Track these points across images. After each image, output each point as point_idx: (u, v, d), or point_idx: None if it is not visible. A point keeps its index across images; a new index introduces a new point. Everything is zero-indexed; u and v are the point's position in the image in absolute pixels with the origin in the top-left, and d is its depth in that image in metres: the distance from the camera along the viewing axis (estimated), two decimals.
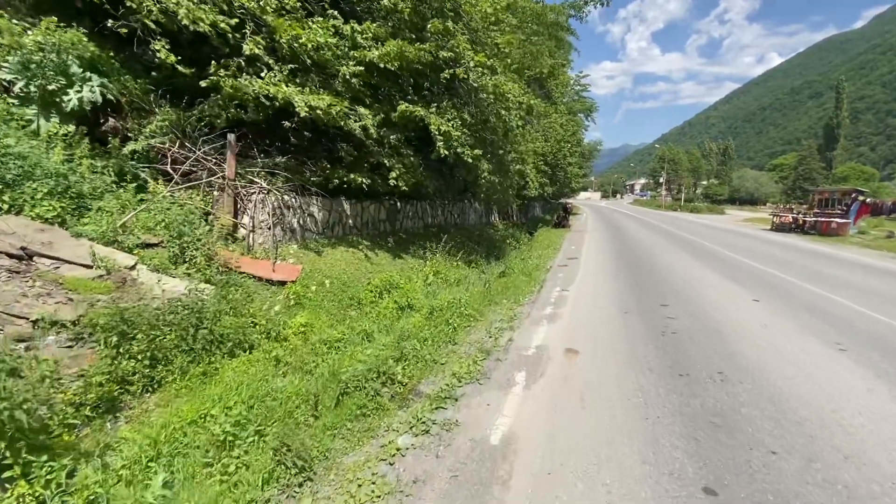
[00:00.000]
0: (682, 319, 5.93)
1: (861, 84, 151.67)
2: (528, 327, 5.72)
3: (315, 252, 8.48)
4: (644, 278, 8.81)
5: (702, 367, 4.29)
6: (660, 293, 7.45)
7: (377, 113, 8.79)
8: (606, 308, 6.56)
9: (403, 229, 12.78)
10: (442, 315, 6.09)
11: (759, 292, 7.56)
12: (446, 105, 9.77)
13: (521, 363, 4.45)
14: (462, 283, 8.85)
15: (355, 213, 10.64)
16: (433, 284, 8.58)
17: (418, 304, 6.64)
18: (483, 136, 11.42)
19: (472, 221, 18.64)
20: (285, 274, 7.24)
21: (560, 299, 7.21)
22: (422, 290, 7.74)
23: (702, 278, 8.80)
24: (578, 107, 33.28)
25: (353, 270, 8.40)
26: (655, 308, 6.51)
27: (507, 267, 9.83)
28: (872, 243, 16.86)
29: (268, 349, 4.89)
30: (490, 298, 7.44)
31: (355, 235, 10.35)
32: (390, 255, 10.25)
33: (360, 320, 6.02)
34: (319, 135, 9.24)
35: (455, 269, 10.53)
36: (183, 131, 7.75)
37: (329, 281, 7.54)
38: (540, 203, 34.07)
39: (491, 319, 6.27)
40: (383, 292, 7.16)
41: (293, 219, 8.58)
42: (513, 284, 8.55)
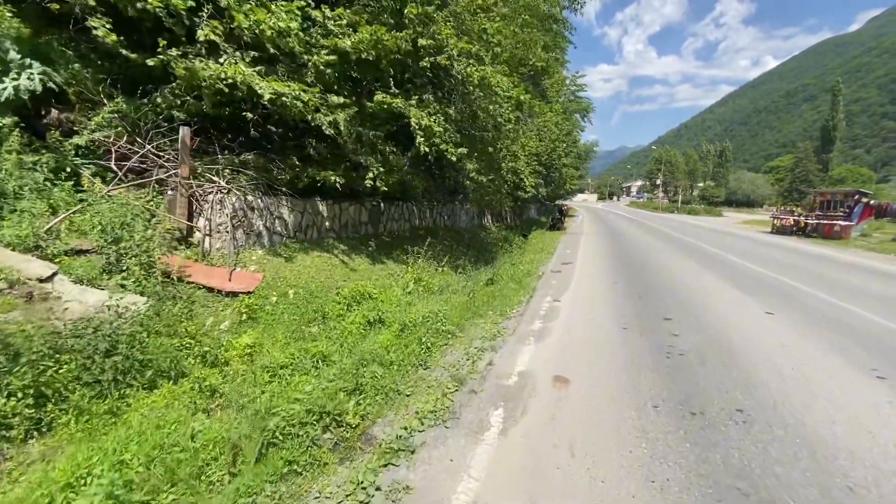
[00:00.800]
0: (688, 337, 5.18)
1: (856, 87, 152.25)
2: (512, 347, 4.95)
3: (283, 258, 7.70)
4: (644, 286, 8.06)
5: (717, 401, 3.53)
6: (662, 304, 6.71)
7: (351, 106, 8.04)
8: (602, 323, 5.81)
9: (387, 232, 12.02)
10: (415, 332, 5.31)
11: (771, 303, 6.83)
12: (429, 98, 9.02)
13: (500, 396, 3.68)
14: (446, 292, 8.09)
15: (332, 215, 9.86)
16: (413, 293, 7.81)
17: (390, 318, 5.86)
18: (471, 133, 10.68)
19: (464, 223, 17.88)
20: (243, 283, 6.45)
21: (551, 311, 6.45)
22: (398, 301, 6.96)
23: (706, 286, 8.07)
24: (574, 107, 32.67)
25: (324, 278, 7.61)
26: (658, 323, 5.77)
27: (496, 273, 9.07)
28: (878, 247, 16.23)
29: (201, 377, 4.10)
30: (474, 310, 6.68)
31: (332, 239, 9.57)
32: (370, 261, 9.48)
33: (320, 339, 5.24)
34: (289, 130, 8.45)
35: (440, 275, 9.77)
36: (134, 124, 6.98)
37: (294, 291, 6.76)
38: (535, 205, 33.38)
39: (472, 336, 5.50)
40: (353, 304, 6.38)
41: (259, 221, 7.79)
42: (500, 293, 7.79)
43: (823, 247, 16.32)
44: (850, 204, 20.51)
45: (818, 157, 74.37)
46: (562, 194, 37.51)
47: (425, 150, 8.17)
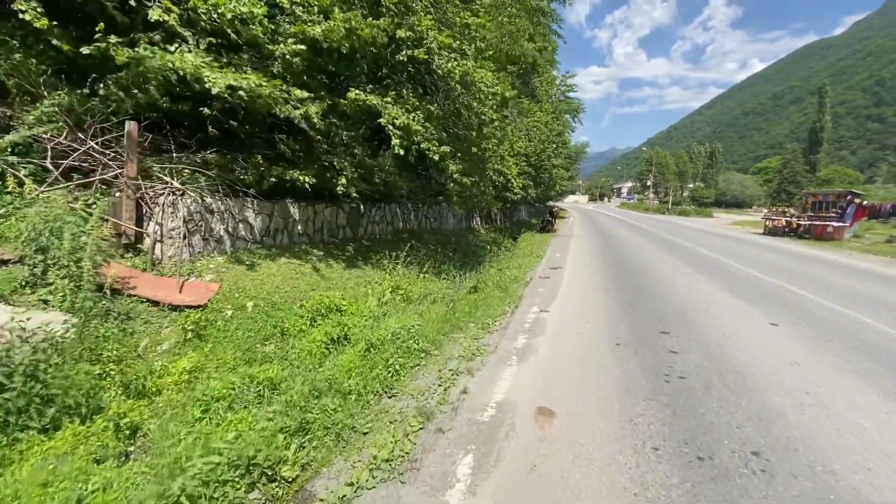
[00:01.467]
0: (689, 355, 4.63)
1: (842, 89, 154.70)
2: (491, 369, 4.36)
3: (246, 265, 7.04)
4: (637, 293, 7.53)
5: (728, 441, 2.97)
6: (658, 315, 6.17)
7: (324, 99, 7.42)
8: (593, 337, 5.24)
9: (368, 235, 11.39)
10: (383, 351, 4.70)
11: (774, 312, 6.33)
12: (408, 94, 8.43)
13: (472, 437, 3.08)
14: (426, 301, 7.49)
15: (306, 218, 9.22)
16: (389, 304, 7.20)
17: (358, 334, 5.24)
18: (455, 132, 10.10)
19: (451, 226, 17.30)
20: (194, 295, 5.80)
21: (537, 324, 5.87)
22: (370, 314, 6.35)
23: (703, 293, 7.56)
24: (564, 107, 32.30)
25: (290, 288, 6.96)
26: (654, 337, 5.22)
27: (481, 280, 8.49)
28: (872, 248, 15.94)
29: (121, 412, 3.45)
30: (453, 322, 6.08)
31: (305, 244, 8.92)
32: (347, 267, 8.84)
33: (273, 361, 4.60)
34: (256, 126, 7.79)
35: (421, 282, 9.16)
36: (79, 119, 6.30)
37: (253, 303, 6.11)
38: (526, 206, 32.93)
39: (448, 355, 4.90)
40: (317, 318, 5.75)
41: (219, 225, 7.13)
42: (484, 302, 7.20)
43: (817, 249, 16.00)
44: (843, 205, 20.30)
45: (806, 158, 75.07)
46: (552, 196, 37.13)
47: (401, 152, 7.57)
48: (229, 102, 6.83)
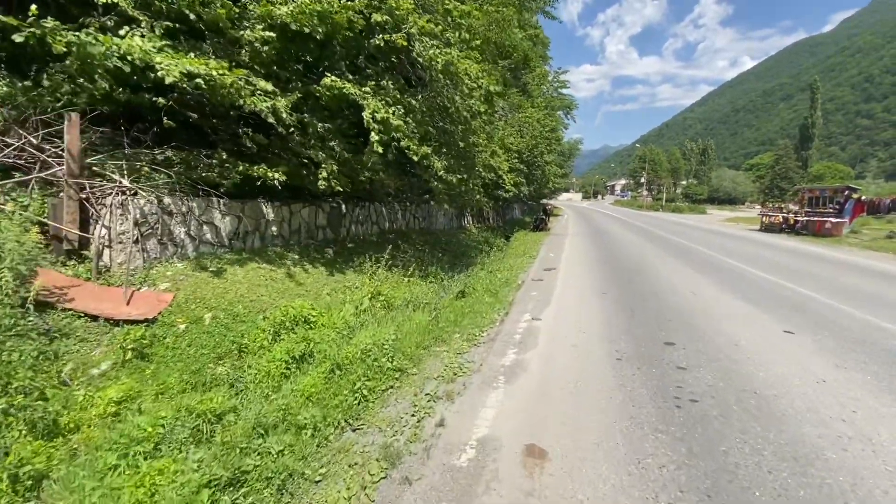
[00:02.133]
0: (699, 372, 4.07)
1: (831, 86, 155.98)
2: (474, 393, 3.77)
3: (211, 272, 6.41)
4: (636, 297, 6.98)
5: (760, 493, 2.40)
6: (660, 322, 5.62)
7: (294, 91, 6.80)
8: (590, 351, 4.67)
9: (351, 237, 10.76)
10: (351, 372, 4.10)
11: (787, 318, 5.81)
12: (388, 85, 7.81)
13: (444, 491, 2.49)
14: (408, 308, 6.90)
15: (280, 219, 8.58)
16: (368, 312, 6.59)
17: (325, 350, 4.63)
18: (443, 126, 9.50)
19: (441, 225, 16.70)
20: (144, 308, 5.17)
21: (529, 335, 5.29)
22: (346, 324, 5.74)
23: (707, 297, 7.02)
24: (557, 103, 31.80)
25: (257, 296, 6.33)
26: (658, 350, 4.66)
27: (469, 284, 7.89)
28: (873, 245, 15.57)
29: (25, 458, 2.82)
30: (436, 333, 5.49)
31: (279, 247, 8.28)
32: (326, 271, 8.22)
33: (221, 387, 3.99)
34: (222, 120, 7.13)
35: (406, 286, 8.56)
36: (21, 112, 5.65)
37: (213, 314, 5.48)
38: (519, 204, 32.42)
39: (426, 374, 4.31)
40: (282, 332, 5.13)
41: (180, 228, 6.49)
42: (471, 309, 6.62)
43: (816, 245, 15.59)
44: (840, 200, 19.95)
45: (797, 154, 75.31)
46: (546, 193, 36.65)
47: (378, 150, 6.96)
48: (189, 93, 6.20)
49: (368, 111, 6.84)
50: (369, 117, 6.84)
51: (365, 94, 7.08)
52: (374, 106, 6.93)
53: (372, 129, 6.98)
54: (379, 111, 6.93)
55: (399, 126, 7.16)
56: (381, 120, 7.00)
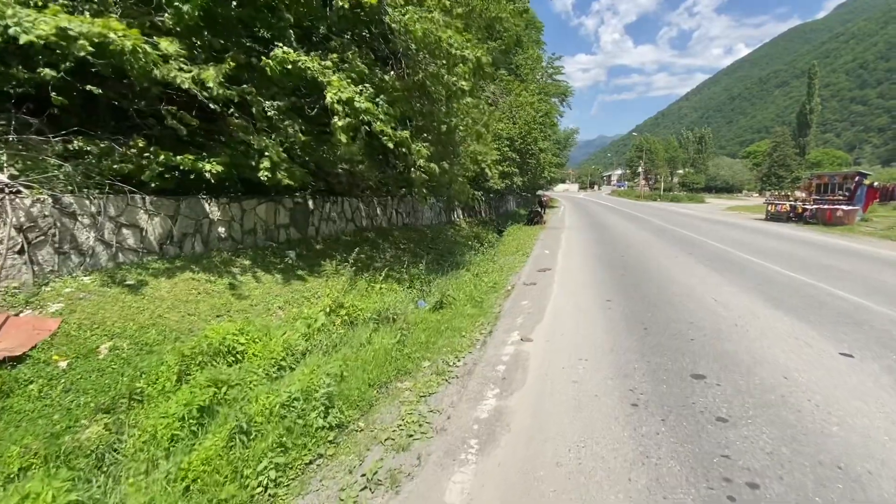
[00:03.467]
0: (747, 427, 2.92)
1: (826, 72, 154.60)
2: (430, 475, 2.59)
3: (127, 286, 5.20)
4: (648, 309, 5.82)
5: None
6: (682, 344, 4.46)
7: (224, 62, 5.54)
8: (597, 390, 3.51)
9: (321, 236, 9.54)
10: (263, 437, 2.92)
11: (838, 333, 4.67)
12: (355, 59, 6.56)
13: None
14: (373, 325, 5.73)
15: (229, 219, 7.34)
16: (324, 331, 5.41)
17: (241, 396, 3.45)
18: (421, 108, 8.24)
19: (428, 220, 15.48)
20: (15, 340, 3.98)
21: (515, 365, 4.12)
22: (288, 350, 4.56)
23: (735, 307, 5.87)
24: (552, 89, 30.49)
25: (182, 315, 5.13)
26: (686, 388, 3.51)
27: (449, 291, 6.70)
28: (891, 234, 14.50)
29: None
30: (399, 364, 4.31)
31: (227, 252, 7.06)
32: (282, 279, 7.02)
33: (77, 458, 2.81)
34: (147, 101, 5.84)
35: (377, 294, 7.37)
36: None
37: (113, 343, 4.29)
38: (514, 196, 31.19)
39: (373, 433, 3.13)
40: (194, 367, 3.93)
41: (87, 233, 5.26)
42: (449, 326, 5.44)
43: (831, 236, 14.51)
44: (850, 186, 18.86)
45: (795, 141, 74.26)
46: (542, 184, 35.40)
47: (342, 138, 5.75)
48: (94, 66, 4.94)
49: (332, 91, 5.60)
50: (333, 98, 5.60)
51: (325, 69, 5.83)
52: (337, 84, 5.69)
53: (336, 112, 5.76)
54: (343, 91, 5.69)
55: (368, 109, 5.93)
56: (346, 101, 5.77)
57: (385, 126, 6.40)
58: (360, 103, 5.75)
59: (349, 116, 5.94)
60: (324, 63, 5.77)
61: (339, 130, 5.78)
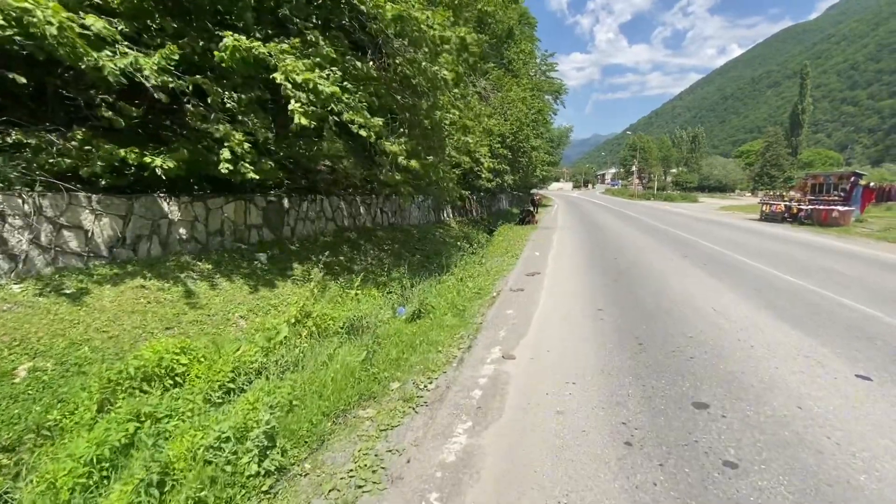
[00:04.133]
0: (762, 475, 2.45)
1: (817, 73, 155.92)
2: None
3: (66, 295, 4.67)
4: (644, 320, 5.36)
5: None
6: (682, 364, 4.00)
7: (173, 49, 4.96)
8: (585, 427, 3.02)
9: (297, 237, 8.98)
10: (183, 487, 2.40)
11: (850, 350, 4.23)
12: (320, 41, 6.01)
13: None
14: (342, 336, 5.22)
15: (192, 219, 6.78)
16: (288, 344, 4.89)
17: (168, 431, 2.93)
18: (403, 101, 7.70)
19: (416, 220, 14.94)
20: None
21: (493, 390, 3.63)
22: (241, 369, 4.04)
23: (737, 318, 5.43)
24: (546, 86, 30.02)
25: (126, 329, 4.58)
26: (688, 421, 3.04)
27: (429, 298, 6.19)
28: (888, 235, 14.22)
29: None
30: (364, 386, 3.80)
31: (189, 254, 6.50)
32: (248, 285, 6.47)
33: None
34: (93, 90, 5.25)
35: (352, 301, 6.85)
36: None
37: (33, 364, 3.74)
38: (506, 195, 30.73)
39: (318, 480, 2.63)
40: (121, 393, 3.39)
41: (20, 236, 4.71)
42: (425, 339, 4.93)
43: (828, 237, 14.19)
44: (846, 187, 18.60)
45: (787, 140, 74.53)
46: (534, 183, 34.97)
47: (301, 121, 5.20)
48: (25, 48, 4.37)
49: (281, 72, 5.06)
50: (282, 79, 5.06)
51: (280, 54, 5.28)
52: (291, 66, 5.14)
53: (290, 96, 5.22)
54: (298, 72, 5.15)
55: (335, 93, 5.39)
56: (304, 84, 5.23)
57: (357, 115, 5.88)
58: (323, 86, 5.20)
59: (314, 104, 5.41)
60: (281, 46, 5.21)
61: (300, 114, 5.22)
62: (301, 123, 5.25)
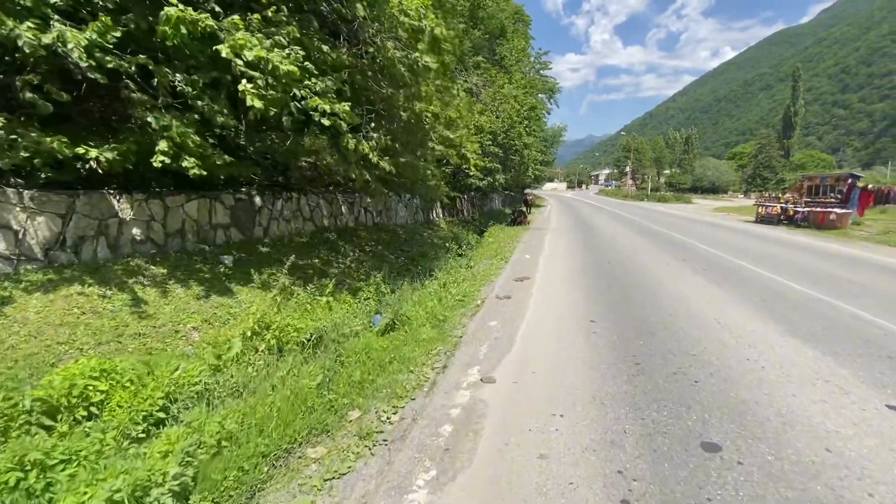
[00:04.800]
0: None
1: (809, 76, 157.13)
2: None
3: None
4: (641, 336, 4.84)
5: None
6: (685, 391, 3.48)
7: (110, 25, 4.37)
8: (572, 478, 2.49)
9: (270, 238, 8.38)
10: None
11: (874, 372, 3.73)
12: (281, 19, 5.41)
13: None
14: (306, 351, 4.67)
15: (148, 218, 6.17)
16: (241, 360, 4.33)
17: (62, 479, 2.36)
18: (379, 92, 7.12)
19: (403, 220, 14.37)
20: None
21: (466, 424, 3.08)
22: (175, 392, 3.46)
23: (744, 334, 4.92)
24: (540, 85, 29.55)
25: (50, 345, 3.97)
26: (698, 470, 2.50)
27: (401, 311, 5.61)
28: (888, 239, 13.87)
29: None
30: (315, 417, 3.23)
31: (143, 257, 5.89)
32: (207, 291, 5.87)
33: None
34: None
35: (323, 309, 6.29)
36: None
37: None
38: (499, 194, 30.22)
39: None
40: (15, 429, 2.80)
41: None
42: (396, 356, 4.37)
43: (827, 240, 13.82)
44: (842, 189, 18.29)
45: (780, 143, 74.81)
46: (527, 182, 34.50)
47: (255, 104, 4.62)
48: None
49: (227, 46, 4.46)
50: (229, 53, 4.47)
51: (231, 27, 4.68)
52: (242, 40, 4.54)
53: (240, 74, 4.63)
54: (250, 47, 4.56)
55: (292, 72, 4.81)
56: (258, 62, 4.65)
57: (323, 102, 5.29)
58: (283, 64, 4.62)
59: (273, 88, 4.83)
60: (233, 19, 4.61)
61: (251, 96, 4.62)
62: (256, 107, 4.67)
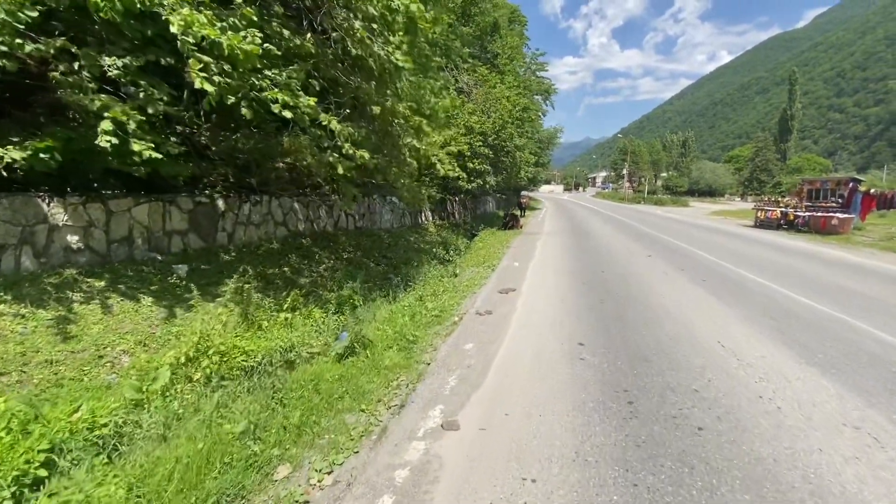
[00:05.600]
0: None
1: (804, 80, 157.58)
2: None
3: None
4: (635, 363, 4.21)
5: None
6: (688, 438, 2.85)
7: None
8: None
9: (235, 245, 7.71)
10: None
11: None
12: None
13: None
14: (248, 381, 4.03)
15: (86, 224, 5.50)
16: (170, 393, 3.69)
17: None
18: (349, 83, 6.49)
19: (388, 224, 13.72)
20: None
21: (412, 493, 2.45)
22: (76, 440, 2.82)
23: (752, 360, 4.30)
24: (535, 86, 29.02)
25: None
26: None
27: (362, 333, 4.95)
28: (893, 245, 13.35)
29: None
30: (229, 480, 2.58)
31: (76, 269, 5.22)
32: (151, 307, 5.21)
33: None
34: None
35: (281, 326, 5.63)
36: None
37: None
38: (493, 197, 29.62)
39: None
40: None
41: None
42: (350, 388, 3.72)
43: (830, 247, 13.28)
44: (843, 193, 17.78)
45: (776, 146, 74.70)
46: (522, 184, 33.92)
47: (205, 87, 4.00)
48: None
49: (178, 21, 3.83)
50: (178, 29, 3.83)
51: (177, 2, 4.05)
52: (189, 17, 3.91)
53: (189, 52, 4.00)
54: (198, 26, 3.92)
55: (249, 54, 4.18)
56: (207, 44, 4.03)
57: (282, 94, 4.67)
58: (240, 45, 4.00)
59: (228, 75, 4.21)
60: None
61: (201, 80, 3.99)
62: (208, 92, 4.04)
